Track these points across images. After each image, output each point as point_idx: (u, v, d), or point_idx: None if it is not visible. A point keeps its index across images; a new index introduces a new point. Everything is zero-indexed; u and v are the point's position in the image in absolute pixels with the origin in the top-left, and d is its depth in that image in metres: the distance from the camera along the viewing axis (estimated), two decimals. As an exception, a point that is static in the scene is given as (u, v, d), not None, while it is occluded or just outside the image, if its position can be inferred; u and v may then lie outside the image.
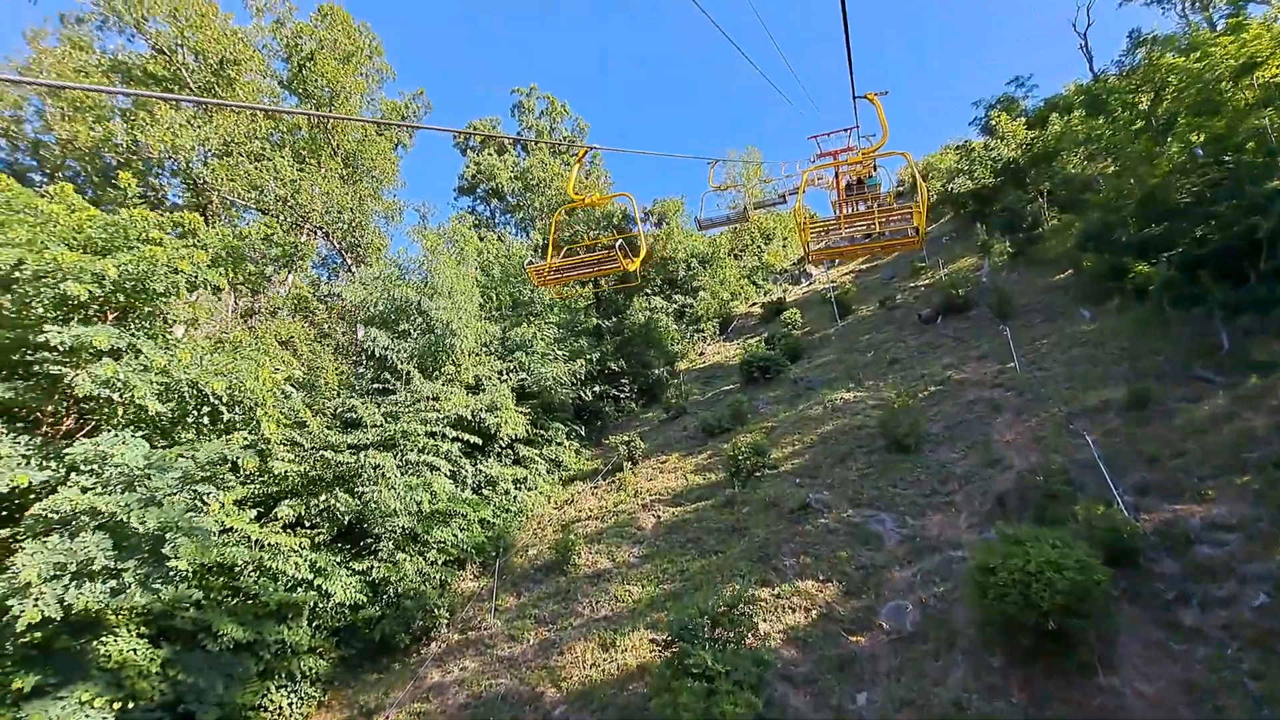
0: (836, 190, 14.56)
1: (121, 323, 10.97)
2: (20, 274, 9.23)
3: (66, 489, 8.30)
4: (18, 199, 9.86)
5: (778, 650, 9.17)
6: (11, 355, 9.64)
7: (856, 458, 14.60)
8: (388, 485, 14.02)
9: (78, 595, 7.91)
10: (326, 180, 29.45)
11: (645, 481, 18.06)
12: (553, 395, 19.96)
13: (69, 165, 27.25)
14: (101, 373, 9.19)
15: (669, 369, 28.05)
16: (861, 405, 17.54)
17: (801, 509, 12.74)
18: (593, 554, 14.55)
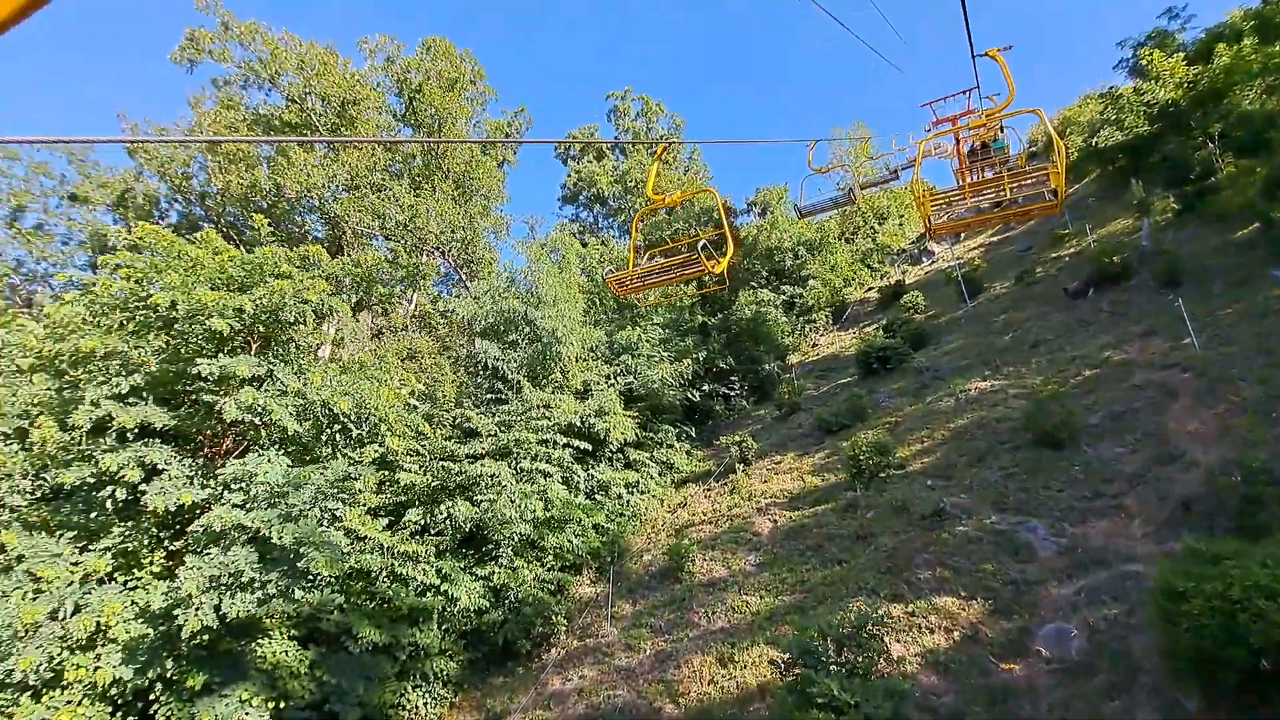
0: (958, 158, 13.81)
1: (263, 351, 12.04)
2: (176, 314, 10.32)
3: (219, 507, 9.13)
4: (171, 247, 11.05)
5: (915, 678, 8.24)
6: (175, 386, 10.81)
7: (998, 455, 13.03)
8: (503, 493, 14.39)
9: (230, 604, 8.67)
10: (440, 203, 31.15)
11: (759, 483, 17.33)
12: (660, 397, 19.73)
13: (229, 211, 30.87)
14: (244, 399, 10.05)
15: (780, 364, 26.95)
16: (1000, 395, 15.72)
17: (935, 514, 11.51)
18: (707, 560, 14.10)
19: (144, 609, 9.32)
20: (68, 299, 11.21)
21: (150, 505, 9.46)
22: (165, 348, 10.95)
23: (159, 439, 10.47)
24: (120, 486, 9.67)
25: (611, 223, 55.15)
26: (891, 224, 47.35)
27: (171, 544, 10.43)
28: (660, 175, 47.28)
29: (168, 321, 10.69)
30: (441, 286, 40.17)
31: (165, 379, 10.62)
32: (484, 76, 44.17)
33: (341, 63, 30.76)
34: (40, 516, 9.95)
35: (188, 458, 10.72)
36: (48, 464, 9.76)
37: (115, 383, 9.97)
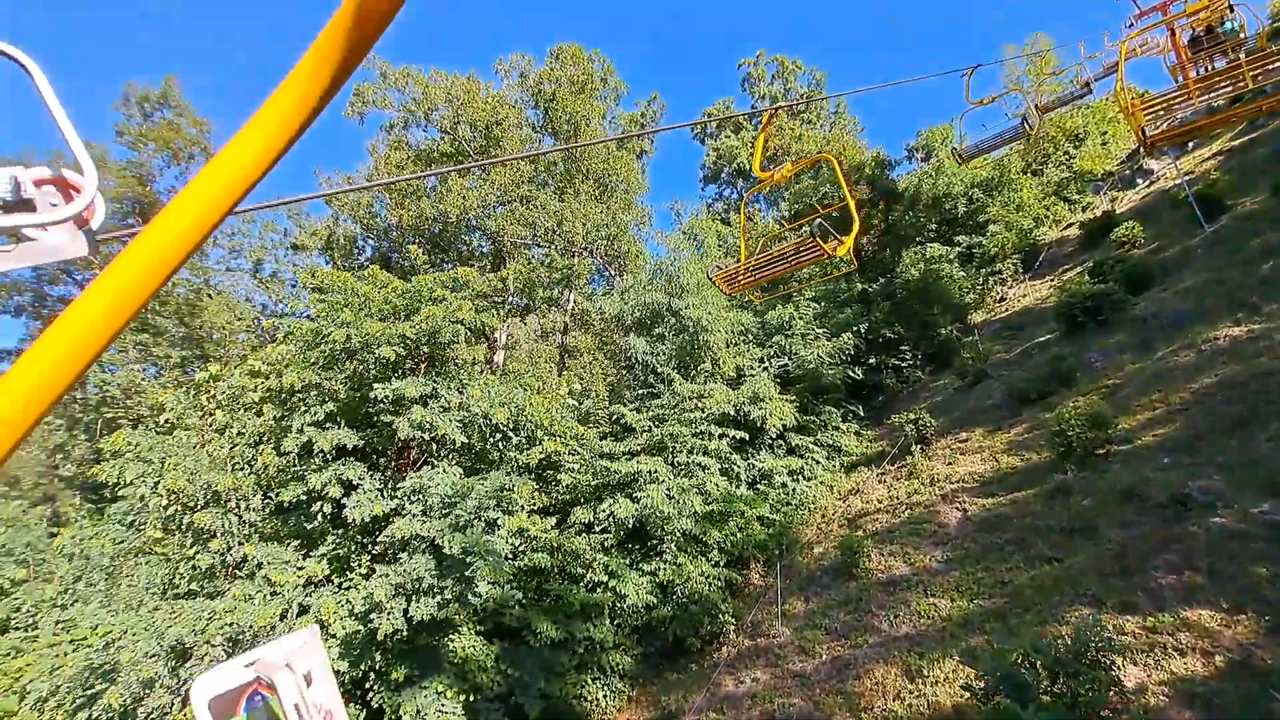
0: (1175, 51, 12.02)
1: (430, 370, 13.06)
2: (352, 346, 11.49)
3: (400, 519, 10.02)
4: (345, 285, 12.34)
5: (1163, 715, 6.61)
6: (361, 410, 12.10)
7: (1265, 422, 10.16)
8: (660, 489, 14.31)
9: (416, 609, 9.47)
10: (583, 204, 32.06)
11: (942, 465, 15.46)
12: (819, 377, 18.44)
13: (408, 242, 34.47)
14: (414, 417, 10.92)
15: (958, 326, 23.94)
16: (1262, 343, 12.32)
17: (1178, 501, 9.24)
18: (885, 555, 12.83)
19: (353, 609, 10.56)
20: (280, 340, 13.06)
21: (350, 518, 10.68)
22: (352, 376, 12.31)
23: (354, 457, 11.80)
24: (326, 501, 11.03)
25: (758, 196, 53.32)
26: (1091, 145, 40.00)
27: (373, 549, 11.75)
28: (801, 137, 44.54)
29: (350, 353, 11.98)
30: (597, 283, 41.60)
31: (354, 404, 11.92)
32: (614, 72, 44.74)
33: (484, 87, 32.87)
34: (272, 528, 11.71)
35: (377, 472, 11.97)
36: (271, 484, 11.41)
37: (314, 411, 11.36)
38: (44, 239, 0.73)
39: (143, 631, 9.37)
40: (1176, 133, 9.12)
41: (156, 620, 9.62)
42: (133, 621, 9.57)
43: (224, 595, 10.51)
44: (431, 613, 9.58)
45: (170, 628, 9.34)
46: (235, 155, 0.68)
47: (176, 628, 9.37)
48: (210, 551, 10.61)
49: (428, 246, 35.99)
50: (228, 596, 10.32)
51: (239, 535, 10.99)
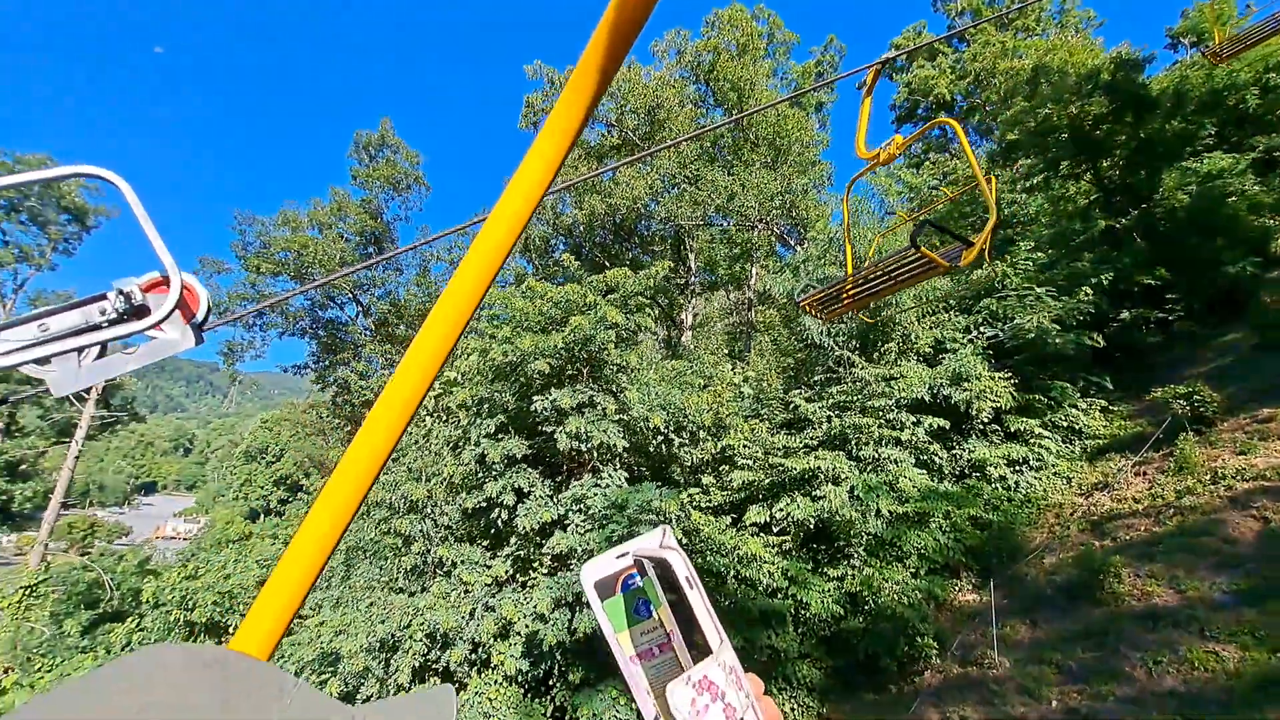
0: None
1: (593, 378, 13.16)
2: (514, 359, 11.94)
3: (559, 533, 10.20)
4: (509, 301, 12.87)
5: None
6: (528, 420, 12.60)
7: None
8: (841, 489, 12.90)
9: (579, 620, 9.57)
10: (755, 174, 30.50)
11: (1230, 456, 11.73)
12: (1043, 346, 15.15)
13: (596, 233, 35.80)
14: (570, 428, 11.02)
15: (1255, 261, 18.14)
16: None
17: None
18: (1143, 576, 10.05)
19: (536, 609, 11.07)
20: (463, 355, 14.15)
21: (520, 526, 11.18)
22: (519, 386, 12.87)
23: (528, 464, 12.36)
24: (503, 508, 11.69)
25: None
26: None
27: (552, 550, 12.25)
28: (1013, 52, 37.27)
29: (514, 366, 12.51)
30: (784, 253, 39.75)
31: (523, 413, 12.45)
32: (781, 25, 41.89)
33: (646, 71, 32.72)
34: (465, 530, 12.78)
35: (549, 479, 12.41)
36: (458, 489, 12.41)
37: (486, 424, 12.07)
38: (160, 337, 0.85)
39: (363, 624, 10.78)
40: None
41: (372, 615, 11.00)
42: (353, 616, 11.06)
43: (426, 592, 11.70)
44: (594, 625, 9.60)
45: (382, 624, 10.59)
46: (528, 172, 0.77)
47: (388, 624, 10.60)
48: (413, 554, 11.87)
49: (610, 237, 37.34)
50: (429, 594, 11.45)
51: (436, 538, 12.15)
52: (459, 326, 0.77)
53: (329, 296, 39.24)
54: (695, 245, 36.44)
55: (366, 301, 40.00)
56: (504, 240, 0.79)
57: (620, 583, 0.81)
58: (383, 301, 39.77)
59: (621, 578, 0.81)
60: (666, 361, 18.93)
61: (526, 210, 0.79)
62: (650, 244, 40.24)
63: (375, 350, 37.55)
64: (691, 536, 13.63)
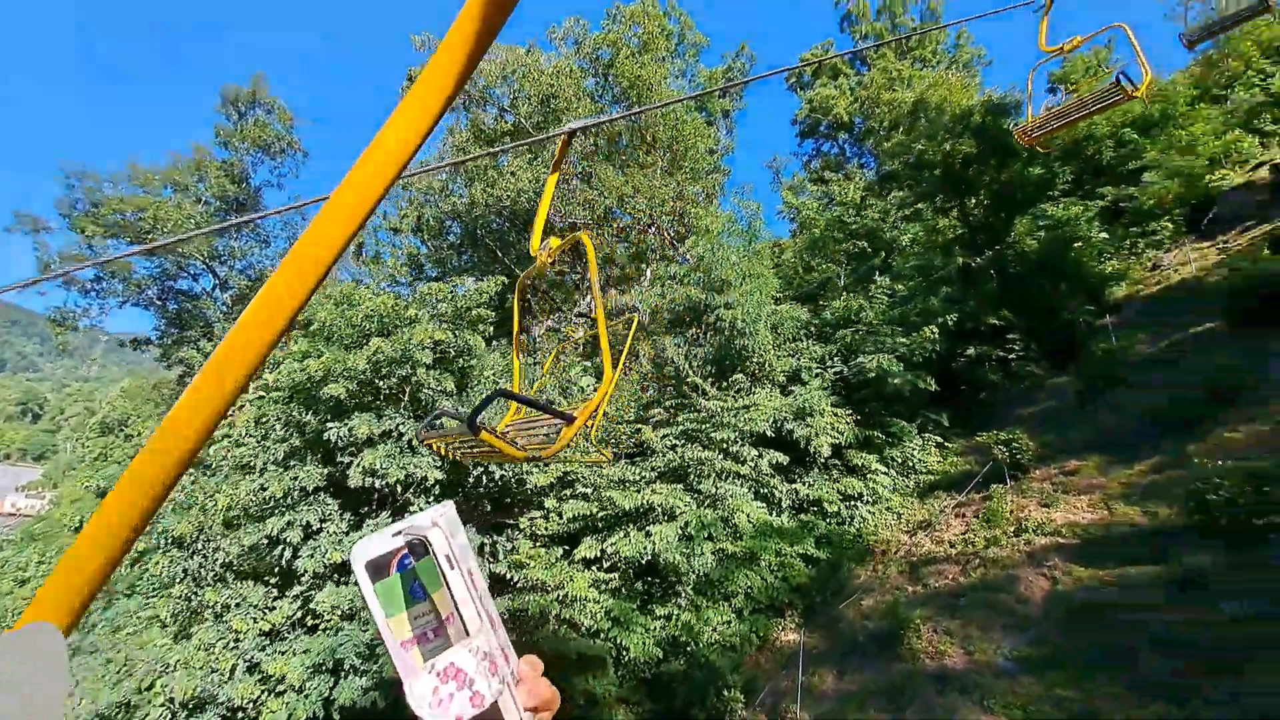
0: None
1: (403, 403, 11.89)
2: (314, 375, 10.50)
3: (327, 588, 8.97)
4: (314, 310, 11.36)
5: None
6: (327, 446, 11.20)
7: None
8: (673, 527, 12.42)
9: (339, 691, 8.42)
10: (649, 178, 29.81)
11: (1036, 507, 12.17)
12: (885, 385, 15.35)
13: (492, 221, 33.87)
14: (365, 462, 9.79)
15: (1091, 308, 19.37)
16: None
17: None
18: (940, 632, 10.13)
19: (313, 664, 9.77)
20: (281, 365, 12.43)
21: (301, 569, 9.83)
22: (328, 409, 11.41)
23: (326, 495, 10.97)
24: (286, 546, 10.27)
25: (859, 150, 48.07)
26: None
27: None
28: (910, 81, 38.73)
29: (316, 384, 11.05)
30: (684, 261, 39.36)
31: (320, 442, 11.03)
32: (692, 26, 41.32)
33: (546, 58, 31.19)
34: (249, 565, 11.22)
35: (351, 511, 11.09)
36: (235, 525, 10.84)
37: (274, 449, 10.57)
38: None
39: (91, 685, 9.10)
40: None
41: (109, 671, 9.33)
42: (87, 672, 9.35)
43: (188, 640, 10.12)
44: (356, 696, 8.49)
45: (114, 686, 8.97)
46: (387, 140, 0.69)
47: (122, 686, 8.99)
48: (174, 598, 10.24)
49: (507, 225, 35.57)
50: (190, 643, 9.89)
51: (207, 577, 10.55)
52: (284, 316, 0.65)
53: (181, 265, 35.10)
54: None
55: (224, 274, 36.11)
56: (352, 212, 0.68)
57: (396, 562, 0.77)
58: (243, 275, 36.07)
59: (397, 557, 0.77)
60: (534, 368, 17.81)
61: (379, 183, 0.69)
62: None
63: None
64: (517, 572, 12.79)
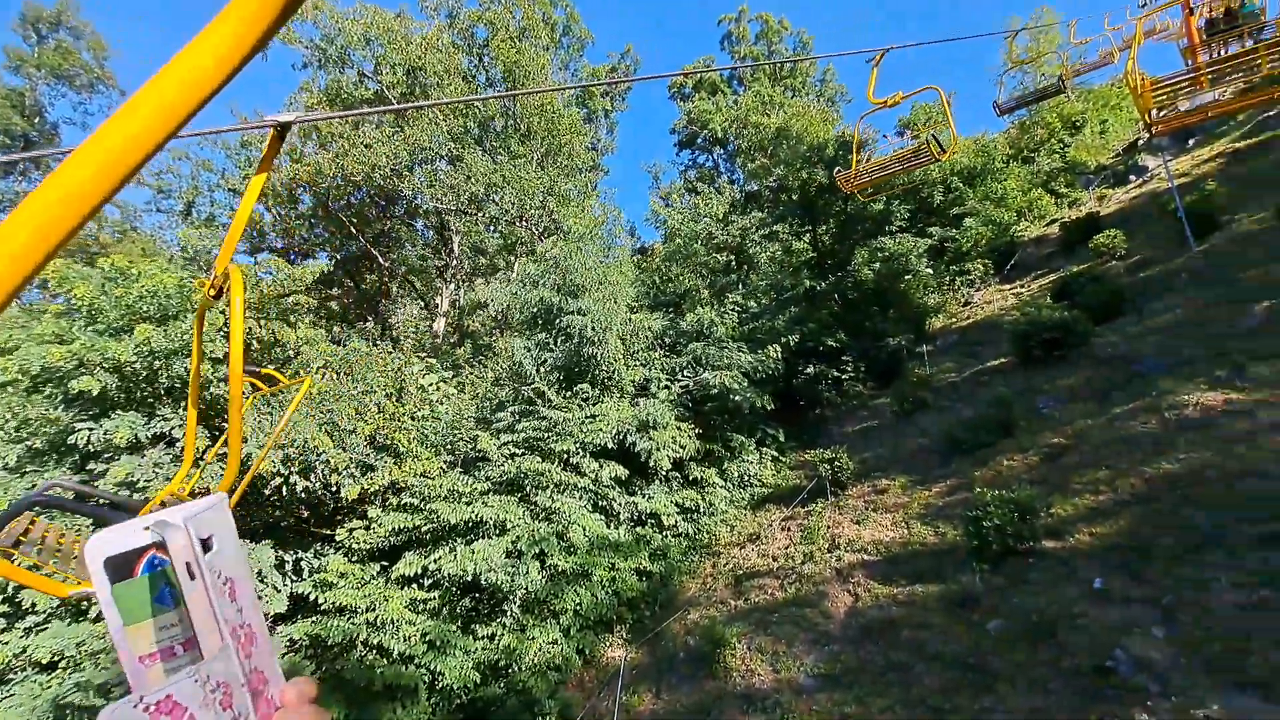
0: (1188, 36, 11.48)
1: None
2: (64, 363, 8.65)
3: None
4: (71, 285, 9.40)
5: None
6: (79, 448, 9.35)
7: (1233, 549, 7.66)
8: (501, 544, 11.81)
9: None
10: (520, 169, 28.74)
11: (850, 524, 13.02)
12: (727, 401, 15.77)
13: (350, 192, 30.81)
14: (120, 473, 8.20)
15: (910, 337, 21.29)
16: (1244, 421, 9.78)
17: (1098, 671, 6.78)
18: (753, 650, 10.43)
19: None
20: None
21: (30, 600, 8.05)
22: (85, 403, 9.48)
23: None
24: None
25: (732, 166, 49.89)
26: (1089, 133, 36.85)
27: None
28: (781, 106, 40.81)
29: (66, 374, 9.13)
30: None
31: (66, 445, 9.14)
32: (578, 20, 40.58)
33: (417, 26, 29.03)
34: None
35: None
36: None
37: (3, 452, 8.59)
38: None
39: None
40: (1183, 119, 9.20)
41: None
42: None
43: None
44: None
45: None
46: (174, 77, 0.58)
47: None
48: None
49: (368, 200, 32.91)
50: None
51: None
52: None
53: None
54: (460, 227, 33.60)
55: (-7, 223, 29.94)
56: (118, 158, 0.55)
57: (144, 561, 0.65)
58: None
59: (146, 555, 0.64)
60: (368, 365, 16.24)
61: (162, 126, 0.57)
62: (414, 216, 36.40)
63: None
64: (323, 592, 11.57)
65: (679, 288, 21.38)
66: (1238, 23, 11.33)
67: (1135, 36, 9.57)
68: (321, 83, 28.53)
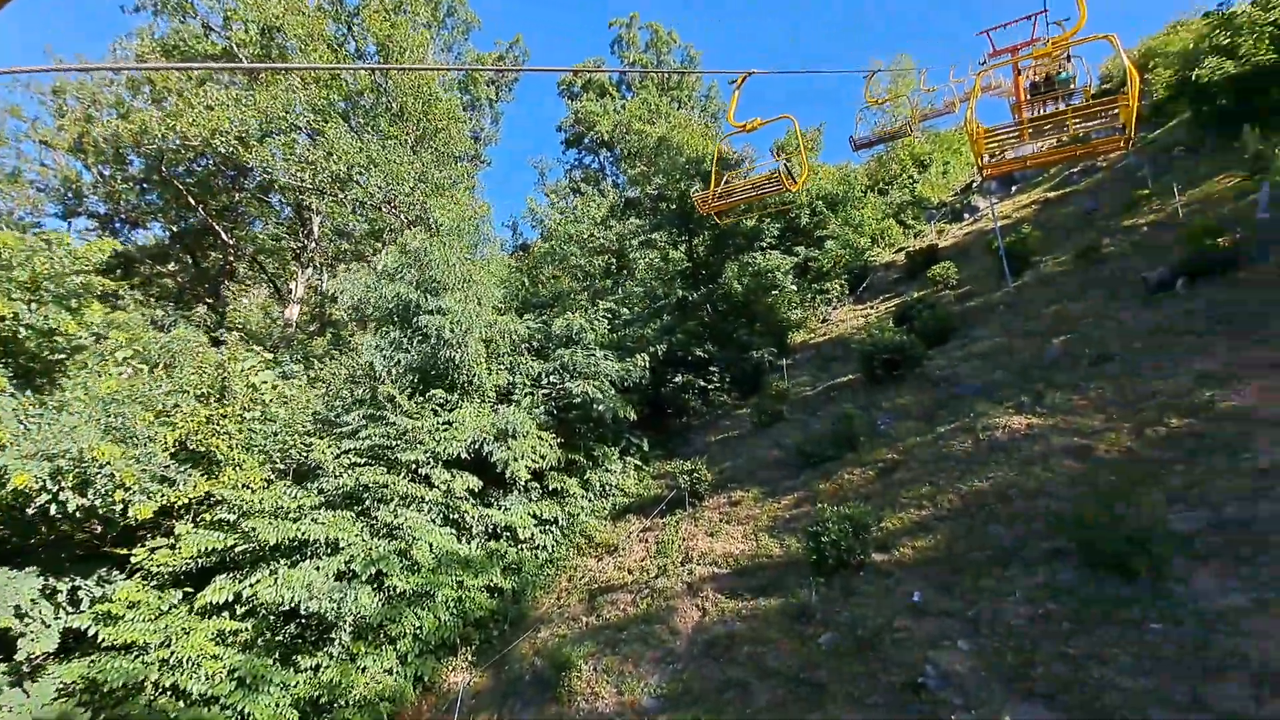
0: (1016, 94, 13.03)
1: None
2: None
3: None
4: None
5: None
6: None
7: (1029, 565, 8.51)
8: (330, 565, 10.67)
9: None
10: (388, 150, 26.78)
11: (704, 536, 13.21)
12: (590, 410, 15.48)
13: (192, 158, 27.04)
14: None
15: (772, 351, 22.24)
16: (1042, 443, 11.00)
17: (910, 687, 7.20)
18: (599, 671, 10.18)
19: None
20: None
21: None
22: None
23: None
24: None
25: (617, 170, 49.92)
26: (934, 172, 40.88)
27: None
28: (666, 116, 41.47)
29: None
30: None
31: None
32: (464, 2, 38.81)
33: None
34: None
35: None
36: None
37: None
38: None
39: None
40: (1008, 165, 10.66)
41: None
42: None
43: None
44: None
45: None
46: None
47: None
48: None
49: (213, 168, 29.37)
50: None
51: None
52: None
53: None
54: (323, 208, 30.72)
55: None
56: None
57: None
58: None
59: None
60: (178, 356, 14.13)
61: None
62: (269, 192, 32.85)
63: None
64: (106, 626, 9.84)
65: (553, 290, 20.84)
66: (1054, 87, 12.84)
67: (974, 90, 10.96)
68: (162, 30, 24.97)
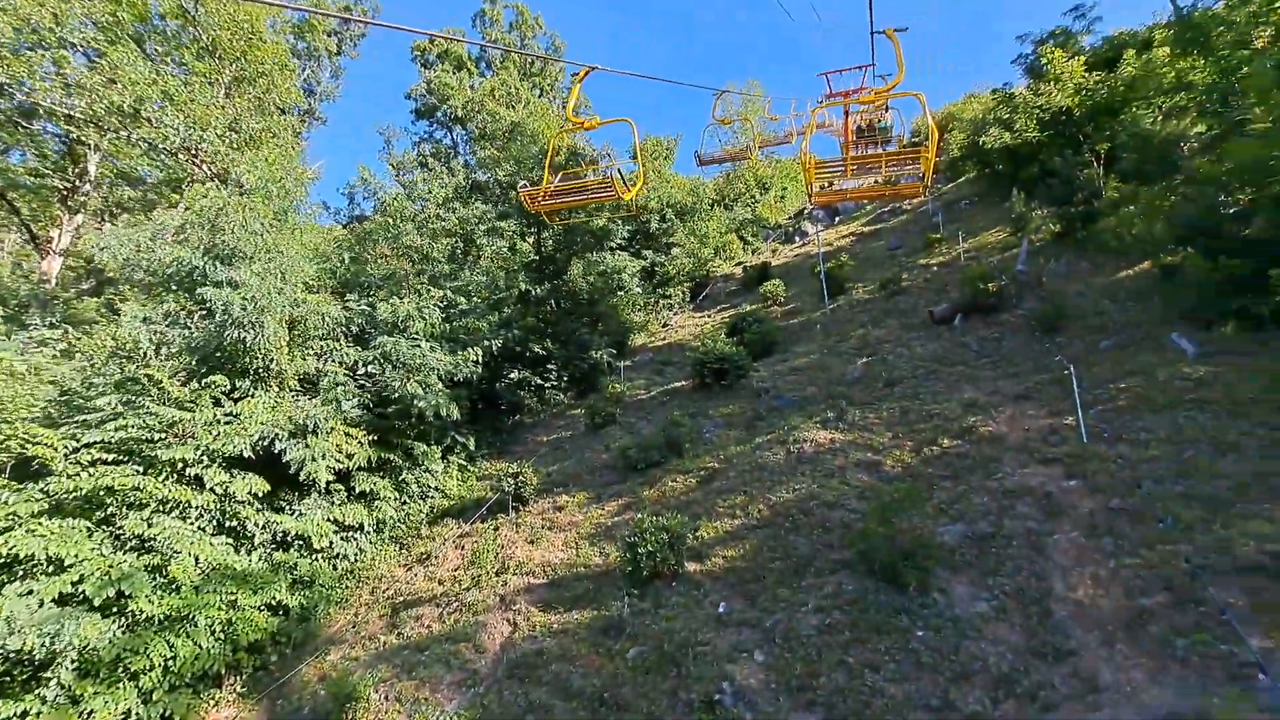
0: (845, 134, 14.30)
1: None
2: None
3: None
4: None
5: None
6: None
7: (821, 575, 9.10)
8: (48, 589, 8.62)
9: None
10: (193, 90, 22.92)
11: (523, 544, 12.69)
12: (411, 406, 14.26)
13: None
14: None
15: (612, 351, 22.27)
16: (841, 457, 11.95)
17: (706, 704, 7.30)
18: (390, 699, 9.27)
19: None
20: None
21: None
22: None
23: None
24: None
25: (469, 151, 47.45)
26: (773, 195, 43.85)
27: None
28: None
29: None
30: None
31: None
32: (304, -66, 34.59)
33: None
34: None
35: None
36: None
37: None
38: None
39: None
40: (833, 196, 12.38)
41: None
42: None
43: None
44: None
45: None
46: None
47: None
48: None
49: None
50: None
51: None
52: None
53: None
54: (104, 146, 25.39)
55: None
56: None
57: None
58: None
59: None
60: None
61: None
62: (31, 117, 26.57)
63: None
64: None
65: (383, 271, 19.00)
66: (875, 133, 14.31)
67: (810, 125, 12.19)
68: None
